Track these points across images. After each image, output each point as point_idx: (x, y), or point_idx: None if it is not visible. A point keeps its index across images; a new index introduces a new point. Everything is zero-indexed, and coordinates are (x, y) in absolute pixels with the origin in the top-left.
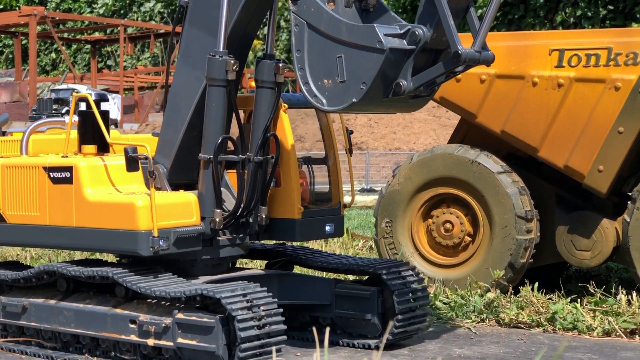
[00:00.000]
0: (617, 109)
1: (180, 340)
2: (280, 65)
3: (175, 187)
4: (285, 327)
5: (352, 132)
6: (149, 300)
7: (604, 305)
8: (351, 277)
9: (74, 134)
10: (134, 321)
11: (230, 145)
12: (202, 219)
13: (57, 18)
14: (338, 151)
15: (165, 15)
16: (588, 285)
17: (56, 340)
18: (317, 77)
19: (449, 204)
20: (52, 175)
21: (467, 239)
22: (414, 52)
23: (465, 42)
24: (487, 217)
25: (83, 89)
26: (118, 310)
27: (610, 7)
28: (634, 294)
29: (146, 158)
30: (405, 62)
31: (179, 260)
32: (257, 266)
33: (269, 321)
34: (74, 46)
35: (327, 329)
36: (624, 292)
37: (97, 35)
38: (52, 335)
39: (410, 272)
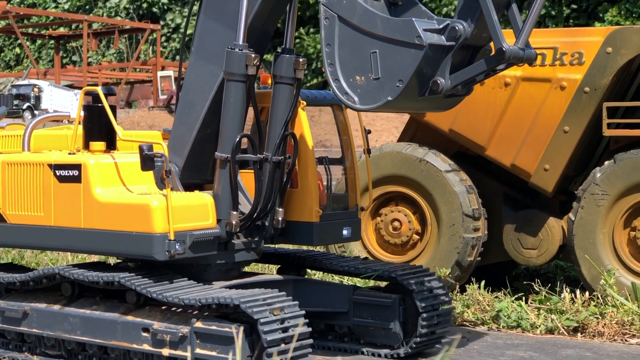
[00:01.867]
0: (562, 109)
1: (198, 350)
2: (301, 60)
3: (185, 187)
4: (310, 329)
5: (369, 132)
6: (162, 307)
7: (548, 303)
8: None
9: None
10: (147, 329)
11: (243, 143)
12: (218, 221)
13: (21, 13)
14: (355, 151)
15: (131, 11)
16: (533, 284)
17: (60, 348)
18: (348, 74)
19: (397, 202)
20: (58, 174)
21: (415, 237)
22: (452, 49)
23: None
24: (435, 215)
25: (45, 85)
26: (129, 318)
27: (574, 7)
28: (578, 292)
29: (161, 156)
30: (443, 59)
31: (191, 265)
32: (255, 270)
33: (292, 324)
34: (39, 41)
35: None
36: (568, 290)
37: (61, 30)
38: (56, 342)
39: (434, 279)
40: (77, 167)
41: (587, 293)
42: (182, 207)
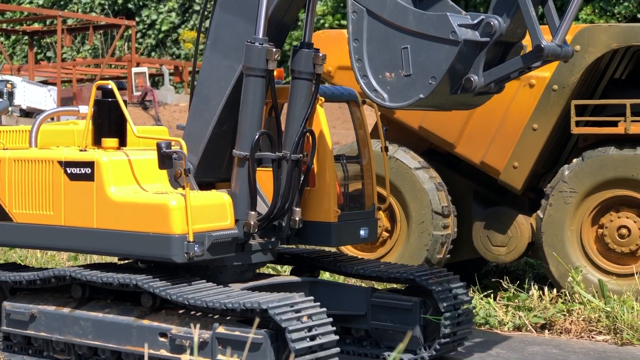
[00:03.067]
0: (531, 106)
1: (220, 357)
2: (321, 55)
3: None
4: (337, 337)
5: (387, 129)
6: (180, 311)
7: (516, 301)
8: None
9: (83, 124)
10: (165, 334)
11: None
12: (235, 221)
13: None
14: (372, 149)
15: (106, 7)
16: (502, 281)
17: (69, 352)
18: (377, 70)
19: None
20: (69, 171)
21: (385, 234)
22: (487, 45)
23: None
24: (405, 212)
25: (18, 81)
26: (145, 322)
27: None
28: (546, 289)
29: (176, 154)
30: (477, 55)
31: (206, 267)
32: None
33: (320, 332)
34: (13, 37)
35: None
36: (537, 287)
37: (35, 26)
38: (65, 347)
39: (454, 278)
40: (90, 164)
41: (555, 290)
42: (201, 206)
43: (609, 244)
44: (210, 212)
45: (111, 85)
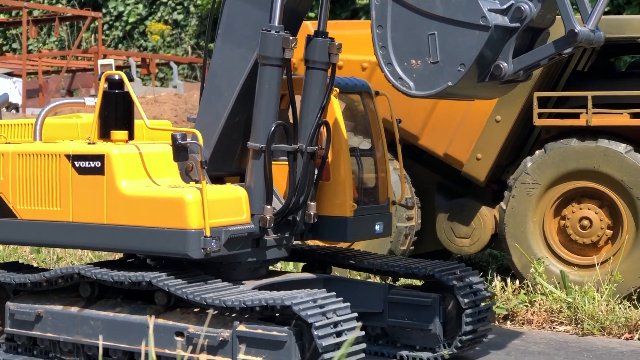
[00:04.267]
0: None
1: (242, 356)
2: (337, 44)
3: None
4: (363, 332)
5: (400, 121)
6: (196, 310)
7: None
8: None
9: (87, 117)
10: (181, 333)
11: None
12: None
13: None
14: (386, 141)
15: None
16: None
17: (78, 353)
18: (402, 57)
19: None
20: (77, 165)
21: None
22: (517, 31)
23: None
24: None
25: None
26: (160, 321)
27: None
28: (509, 280)
29: (187, 147)
30: (506, 41)
31: (220, 263)
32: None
33: (346, 327)
34: None
35: None
36: (500, 278)
37: (0, 17)
38: (73, 347)
39: (473, 274)
40: (100, 157)
41: (517, 281)
42: (217, 201)
43: (570, 235)
44: (226, 206)
45: (121, 75)
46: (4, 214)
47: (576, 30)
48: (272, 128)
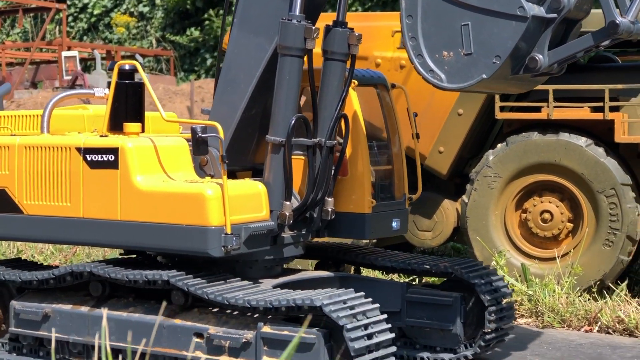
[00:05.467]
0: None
1: (266, 358)
2: (357, 34)
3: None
4: (393, 335)
5: (416, 115)
6: (214, 310)
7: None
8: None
9: (93, 109)
10: (201, 334)
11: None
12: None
13: None
14: (402, 136)
15: None
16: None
17: (88, 354)
18: (434, 49)
19: None
20: (89, 159)
21: None
22: (554, 22)
23: None
24: None
25: None
26: (177, 321)
27: None
28: None
29: (207, 141)
30: (542, 33)
31: (236, 261)
32: None
33: (377, 329)
34: None
35: None
36: None
37: None
38: (83, 349)
39: (492, 272)
40: (114, 151)
41: None
42: (237, 196)
43: (532, 229)
44: (245, 202)
45: (135, 65)
46: (9, 209)
47: (617, 22)
48: (293, 121)
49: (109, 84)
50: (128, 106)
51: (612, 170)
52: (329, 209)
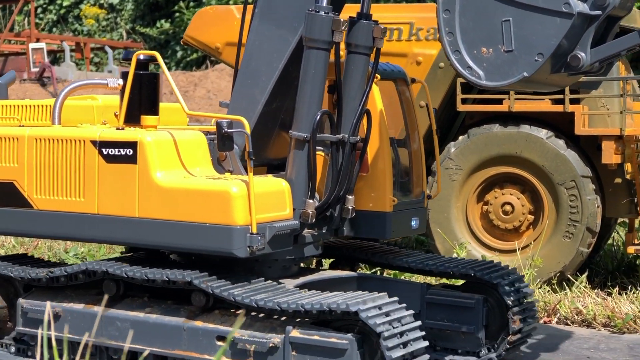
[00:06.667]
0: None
1: None
2: (382, 27)
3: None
4: (427, 343)
5: (437, 111)
6: (238, 312)
7: (403, 277)
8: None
9: (103, 99)
10: (223, 338)
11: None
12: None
13: None
14: (421, 132)
15: None
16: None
17: (101, 355)
18: (472, 45)
19: None
20: (105, 152)
21: None
22: (597, 19)
23: None
24: None
25: None
26: (198, 323)
27: None
28: None
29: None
30: (584, 30)
31: (255, 261)
32: None
33: (412, 337)
34: None
35: None
36: None
37: None
38: (96, 350)
39: (512, 271)
40: (132, 145)
41: None
42: (261, 194)
43: (493, 221)
44: (269, 200)
45: (155, 54)
46: (18, 203)
47: None
48: (318, 117)
49: (123, 74)
50: (146, 98)
51: (572, 163)
52: (350, 207)
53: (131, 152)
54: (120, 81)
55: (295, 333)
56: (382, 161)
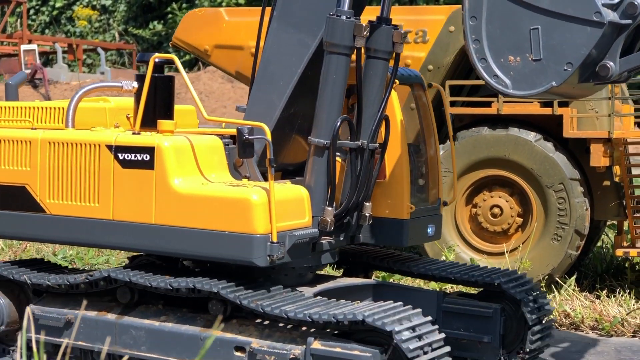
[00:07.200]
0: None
1: None
2: (402, 32)
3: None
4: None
5: (454, 117)
6: (257, 321)
7: (392, 280)
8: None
9: (115, 101)
10: (242, 348)
11: None
12: None
13: None
14: (438, 138)
15: None
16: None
17: None
18: (499, 53)
19: None
20: (121, 157)
21: None
22: (627, 28)
23: None
24: None
25: None
26: (217, 333)
27: None
28: None
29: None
30: (614, 40)
31: (272, 269)
32: None
33: (438, 355)
34: None
35: None
36: None
37: None
38: (109, 358)
39: (535, 286)
40: (149, 150)
41: None
42: (281, 202)
43: (482, 223)
44: (289, 208)
45: (173, 58)
46: (30, 207)
47: None
48: (338, 123)
49: (137, 77)
50: (162, 102)
51: (560, 165)
52: (367, 214)
53: (148, 157)
54: (135, 84)
55: (316, 345)
56: (400, 168)
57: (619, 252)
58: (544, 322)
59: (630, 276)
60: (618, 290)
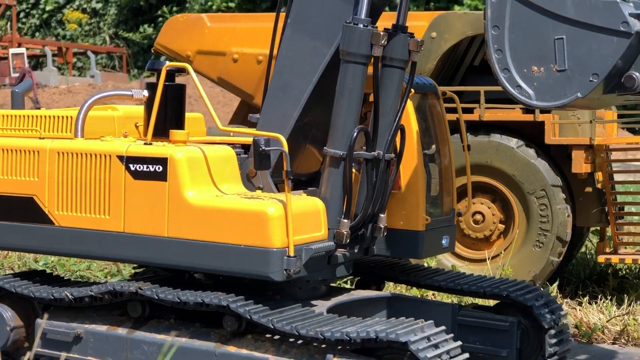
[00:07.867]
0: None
1: None
2: (418, 40)
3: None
4: None
5: (468, 125)
6: (273, 337)
7: (372, 288)
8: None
9: (123, 110)
10: None
11: None
12: None
13: None
14: (452, 147)
15: None
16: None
17: None
18: (522, 63)
19: None
20: (133, 168)
21: None
22: None
23: None
24: None
25: None
26: (231, 349)
27: None
28: None
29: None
30: None
31: (287, 282)
32: None
33: None
34: None
35: None
36: None
37: None
38: None
39: (546, 293)
40: (162, 161)
41: None
42: (297, 214)
43: (464, 230)
44: (306, 220)
45: (186, 66)
46: (38, 219)
47: None
48: (355, 134)
49: (147, 85)
50: (173, 111)
51: (542, 172)
52: (382, 226)
53: (161, 168)
54: (146, 92)
55: None
56: (416, 178)
57: (601, 258)
58: (559, 324)
59: (612, 283)
60: (600, 296)
